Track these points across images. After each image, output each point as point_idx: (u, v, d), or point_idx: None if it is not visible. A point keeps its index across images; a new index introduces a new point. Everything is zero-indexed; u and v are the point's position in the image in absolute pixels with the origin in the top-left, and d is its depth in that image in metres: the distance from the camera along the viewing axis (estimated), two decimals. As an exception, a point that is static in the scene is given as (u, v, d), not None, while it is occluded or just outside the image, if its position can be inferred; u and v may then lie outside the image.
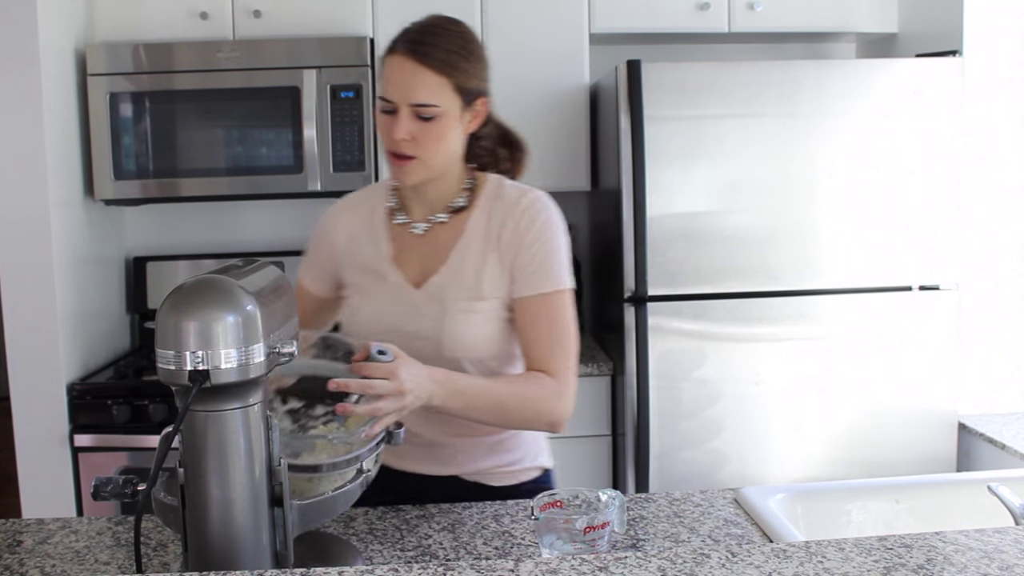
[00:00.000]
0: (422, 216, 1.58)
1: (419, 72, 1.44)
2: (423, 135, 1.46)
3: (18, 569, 1.34)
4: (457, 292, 1.52)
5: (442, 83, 1.45)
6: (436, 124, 1.46)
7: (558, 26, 2.99)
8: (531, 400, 1.47)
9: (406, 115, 1.45)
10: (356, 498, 1.26)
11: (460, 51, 1.48)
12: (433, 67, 1.45)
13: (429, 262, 1.55)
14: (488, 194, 1.57)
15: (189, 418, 1.12)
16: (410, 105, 1.45)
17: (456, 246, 1.54)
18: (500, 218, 1.54)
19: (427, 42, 1.46)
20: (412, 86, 1.44)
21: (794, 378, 2.65)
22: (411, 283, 1.55)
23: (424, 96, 1.44)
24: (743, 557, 1.03)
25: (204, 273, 1.17)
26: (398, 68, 1.45)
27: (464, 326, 1.50)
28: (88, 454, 2.64)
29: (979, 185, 2.70)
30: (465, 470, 1.60)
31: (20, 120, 2.56)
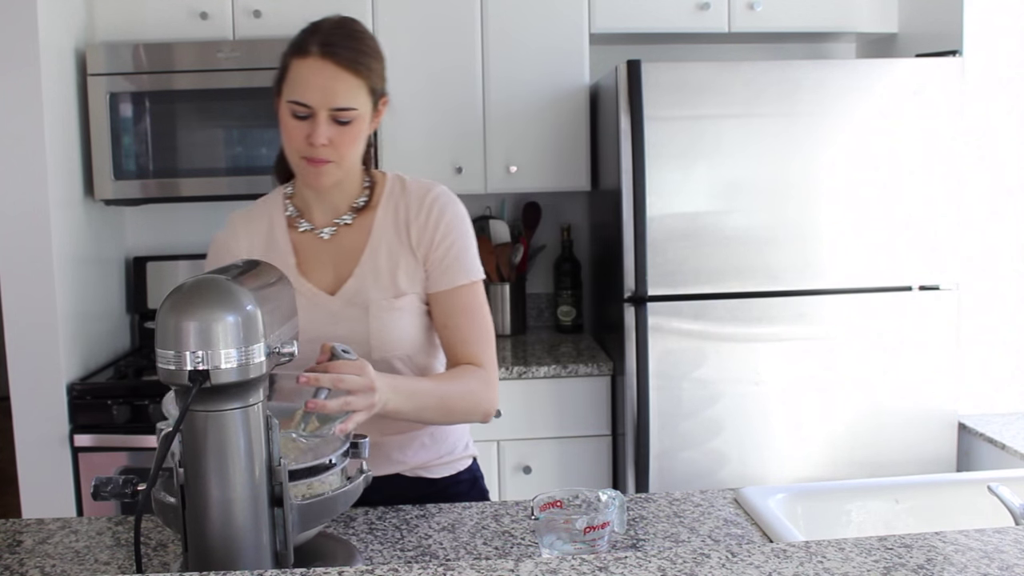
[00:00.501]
0: (325, 221, 1.57)
1: (339, 75, 1.43)
2: (340, 138, 1.45)
3: (18, 569, 1.34)
4: (376, 293, 1.52)
5: (359, 85, 1.45)
6: (352, 127, 1.46)
7: (558, 26, 2.99)
8: (471, 394, 1.51)
9: (325, 120, 1.43)
10: (356, 498, 1.26)
11: (370, 52, 1.48)
12: (351, 69, 1.43)
13: (340, 266, 1.54)
14: (390, 191, 1.57)
15: (189, 418, 1.12)
16: (330, 109, 1.43)
17: (366, 247, 1.54)
18: (406, 215, 1.55)
19: (342, 44, 1.44)
20: (333, 90, 1.43)
21: (794, 378, 2.65)
22: (324, 290, 1.54)
23: (345, 100, 1.43)
24: (743, 557, 1.03)
25: (204, 273, 1.17)
26: (316, 72, 1.42)
27: (389, 325, 1.51)
28: (88, 454, 2.64)
29: (979, 185, 2.70)
30: (405, 467, 1.62)
31: (20, 120, 2.56)
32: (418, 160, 2.99)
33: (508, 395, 2.77)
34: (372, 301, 1.51)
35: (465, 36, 2.98)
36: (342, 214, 1.56)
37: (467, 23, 2.98)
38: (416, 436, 1.61)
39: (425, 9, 2.96)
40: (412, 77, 2.97)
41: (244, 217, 1.62)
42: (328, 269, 1.54)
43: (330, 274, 1.54)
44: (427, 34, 2.96)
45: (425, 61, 2.97)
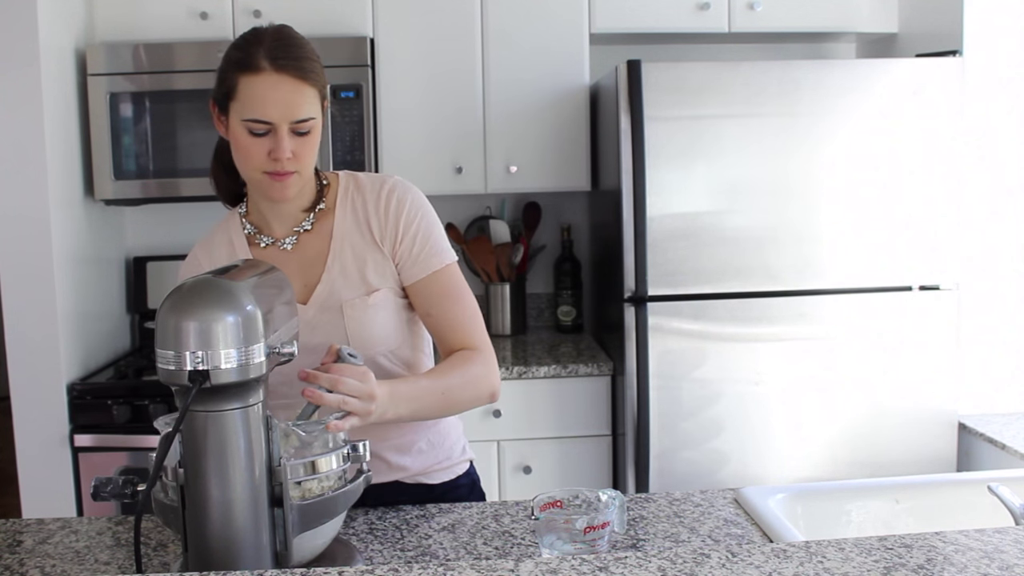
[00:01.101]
0: (285, 231, 1.53)
1: (296, 88, 1.39)
2: (302, 149, 1.42)
3: (18, 569, 1.34)
4: (347, 293, 1.50)
5: (313, 94, 1.42)
6: (312, 135, 1.43)
7: (558, 26, 2.99)
8: (473, 379, 1.49)
9: (286, 134, 1.39)
10: (356, 498, 1.26)
11: (313, 56, 1.44)
12: (305, 80, 1.40)
13: (307, 274, 1.52)
14: (345, 190, 1.55)
15: (189, 418, 1.12)
16: (291, 123, 1.39)
17: (330, 250, 1.51)
18: (364, 211, 1.52)
19: (290, 55, 1.40)
20: (295, 104, 1.39)
21: (794, 378, 2.65)
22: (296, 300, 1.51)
23: (305, 111, 1.40)
24: (743, 557, 1.03)
25: (204, 273, 1.17)
26: (272, 87, 1.37)
27: (365, 323, 1.49)
28: (88, 454, 2.64)
29: (979, 185, 2.70)
30: (404, 474, 1.61)
31: (20, 120, 2.56)
32: (418, 160, 2.99)
33: (508, 395, 2.77)
34: (345, 301, 1.49)
35: (465, 36, 2.98)
36: (300, 221, 1.53)
37: (467, 23, 2.98)
38: (414, 442, 1.60)
39: (425, 9, 2.96)
40: (412, 77, 2.98)
41: (204, 245, 1.59)
42: (296, 279, 1.50)
43: (298, 283, 1.50)
44: (427, 34, 2.96)
45: (425, 61, 2.97)
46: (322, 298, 1.50)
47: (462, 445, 1.70)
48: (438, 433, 1.64)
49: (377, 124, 2.97)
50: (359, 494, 1.26)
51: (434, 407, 1.47)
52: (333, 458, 1.22)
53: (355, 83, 2.84)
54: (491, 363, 1.52)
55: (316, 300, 1.50)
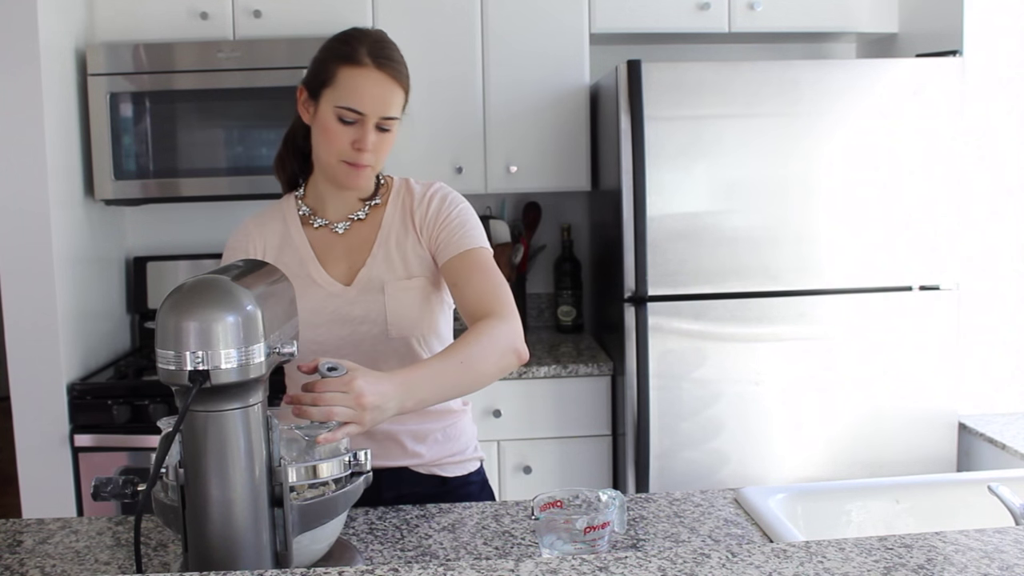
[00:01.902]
0: (340, 216, 1.63)
1: (392, 87, 1.53)
2: (381, 144, 1.55)
3: (18, 569, 1.34)
4: (389, 275, 1.58)
5: (402, 96, 1.56)
6: (391, 134, 1.56)
7: (558, 26, 2.99)
8: (493, 342, 1.46)
9: (371, 127, 1.52)
10: (357, 498, 1.26)
11: (405, 63, 1.59)
12: (400, 81, 1.55)
13: (354, 258, 1.61)
14: (397, 191, 1.66)
15: (189, 418, 1.12)
16: (380, 118, 1.52)
17: (377, 239, 1.61)
18: (411, 210, 1.63)
19: (391, 56, 1.54)
20: (388, 102, 1.52)
21: (794, 378, 2.65)
22: (341, 281, 1.59)
23: (395, 110, 1.54)
24: (743, 557, 1.03)
25: (204, 273, 1.17)
26: (372, 82, 1.51)
27: (405, 303, 1.57)
28: (88, 454, 2.64)
29: (979, 185, 2.70)
30: (418, 460, 1.64)
31: (20, 120, 2.56)
32: (419, 160, 2.99)
33: (508, 395, 2.78)
34: (387, 282, 1.57)
35: (465, 37, 2.98)
36: (355, 209, 1.63)
37: (467, 24, 2.98)
38: (431, 431, 1.64)
39: (425, 9, 2.96)
40: (412, 77, 2.96)
41: (256, 220, 1.67)
42: (342, 261, 1.60)
43: (343, 265, 1.60)
44: (428, 34, 2.96)
45: (426, 61, 2.97)
46: (365, 280, 1.58)
47: (475, 444, 1.74)
48: (455, 427, 1.68)
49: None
50: (359, 495, 1.26)
51: (458, 381, 1.44)
52: (334, 464, 1.22)
53: (355, 83, 2.83)
54: (511, 324, 1.51)
55: (359, 282, 1.59)
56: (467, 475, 1.70)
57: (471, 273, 1.56)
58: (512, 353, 1.50)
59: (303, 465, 1.19)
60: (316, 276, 1.59)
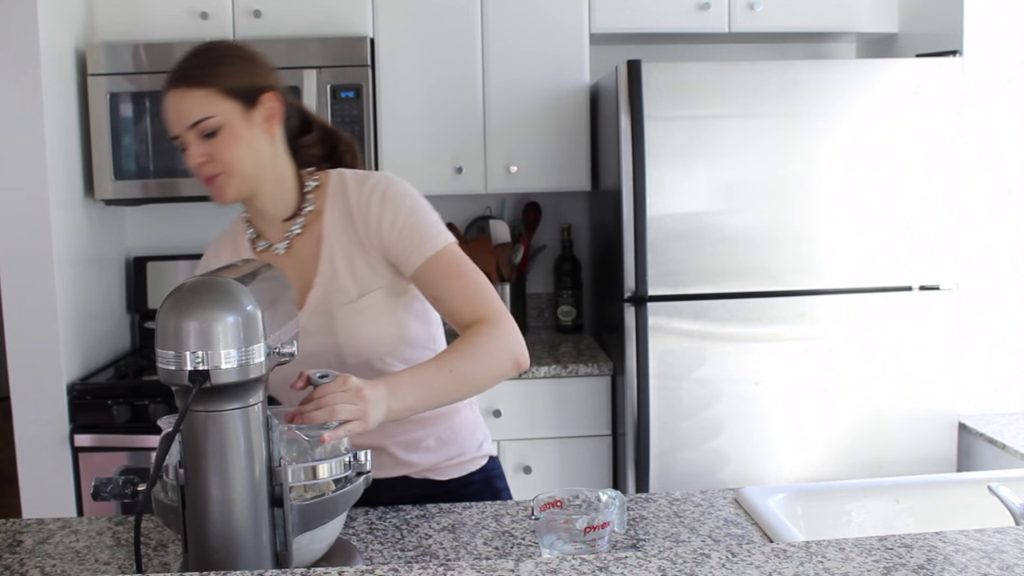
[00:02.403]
0: (279, 235, 1.54)
1: (182, 96, 1.43)
2: (215, 149, 1.44)
3: (18, 569, 1.34)
4: (338, 297, 1.49)
5: (207, 94, 1.43)
6: (223, 134, 1.44)
7: (558, 26, 2.99)
8: (483, 352, 1.43)
9: (192, 139, 1.44)
10: (357, 498, 1.26)
11: (215, 59, 1.46)
12: (191, 84, 1.43)
13: (301, 278, 1.51)
14: (333, 191, 1.54)
15: (189, 418, 1.12)
16: (188, 128, 1.43)
17: (321, 253, 1.51)
18: (350, 212, 1.51)
19: (181, 67, 1.45)
20: (183, 110, 1.43)
21: (794, 378, 2.65)
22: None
23: (195, 113, 1.42)
24: (743, 557, 1.03)
25: (204, 273, 1.17)
26: (167, 102, 1.45)
27: (357, 327, 1.48)
28: (88, 454, 2.64)
29: (979, 185, 2.70)
30: (412, 469, 1.60)
31: (20, 120, 2.56)
32: (418, 160, 2.99)
33: (508, 395, 2.78)
34: (336, 307, 1.49)
35: (465, 36, 2.98)
36: (288, 228, 1.54)
37: (467, 23, 2.98)
38: (421, 439, 1.59)
39: (425, 9, 2.96)
40: (412, 77, 2.97)
41: (214, 245, 1.63)
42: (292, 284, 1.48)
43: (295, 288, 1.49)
44: (427, 34, 2.96)
45: (425, 61, 2.97)
46: (314, 303, 1.50)
47: (478, 442, 1.67)
48: (450, 430, 1.62)
49: (377, 124, 2.97)
50: (359, 495, 1.26)
51: (447, 389, 1.42)
52: (334, 464, 1.22)
53: (355, 83, 2.84)
54: (507, 330, 1.46)
55: (310, 305, 1.50)
56: (465, 476, 1.65)
57: (445, 281, 1.48)
58: (511, 364, 1.46)
59: (303, 465, 1.19)
60: None
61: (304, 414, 1.24)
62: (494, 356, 1.44)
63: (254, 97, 1.46)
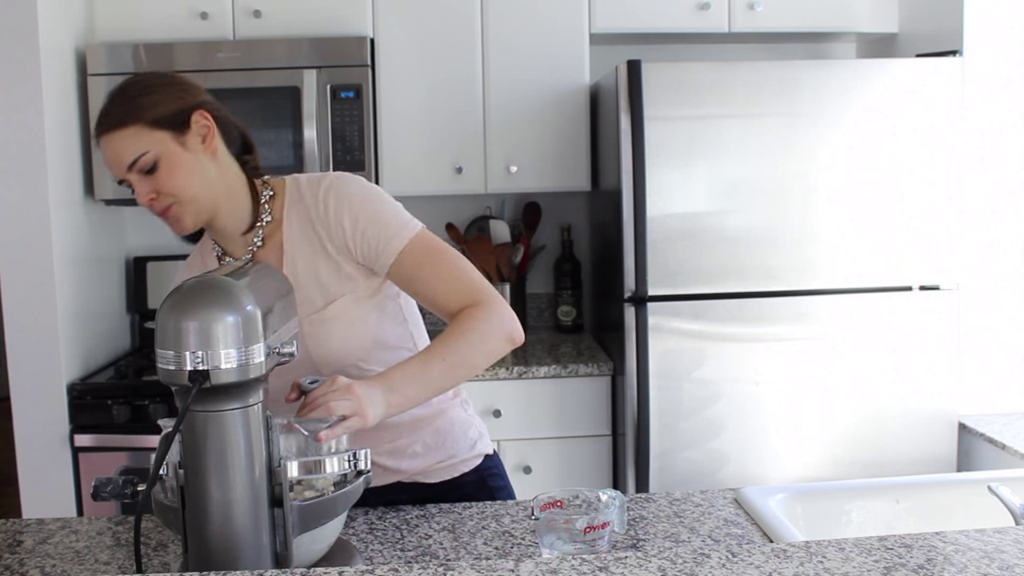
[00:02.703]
0: (242, 250, 1.51)
1: (113, 139, 1.40)
2: (159, 183, 1.41)
3: (18, 569, 1.34)
4: (304, 308, 1.45)
5: (134, 131, 1.39)
6: (162, 166, 1.40)
7: (558, 26, 2.99)
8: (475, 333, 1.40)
9: (136, 179, 1.41)
10: (357, 498, 1.26)
11: (135, 93, 1.42)
12: (117, 126, 1.39)
13: None
14: (289, 199, 1.50)
15: (189, 418, 1.12)
16: (127, 170, 1.40)
17: (283, 264, 1.48)
18: (308, 218, 1.48)
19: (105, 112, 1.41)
20: (116, 154, 1.40)
21: (794, 378, 2.65)
22: None
23: (128, 153, 1.39)
24: (743, 557, 1.03)
25: (204, 273, 1.17)
26: (103, 151, 1.42)
27: (325, 337, 1.46)
28: (88, 454, 2.64)
29: (979, 185, 2.70)
30: (402, 475, 1.59)
31: (20, 120, 2.56)
32: (418, 160, 2.99)
33: (508, 395, 2.77)
34: (303, 317, 1.44)
35: (465, 36, 2.98)
36: (248, 242, 1.50)
37: (467, 23, 2.98)
38: (408, 446, 1.58)
39: (425, 9, 2.96)
40: (412, 77, 2.97)
41: (187, 263, 1.62)
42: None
43: None
44: (427, 34, 2.96)
45: (425, 61, 2.97)
46: None
47: (471, 442, 1.65)
48: (435, 433, 1.59)
49: (377, 124, 2.97)
50: (359, 495, 1.26)
51: (444, 376, 1.40)
52: (335, 461, 1.22)
53: (355, 83, 2.84)
54: (495, 308, 1.43)
55: None
56: (457, 478, 1.63)
57: (421, 272, 1.44)
58: (506, 340, 1.43)
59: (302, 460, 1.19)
60: None
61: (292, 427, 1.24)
62: (486, 337, 1.42)
63: (183, 121, 1.43)
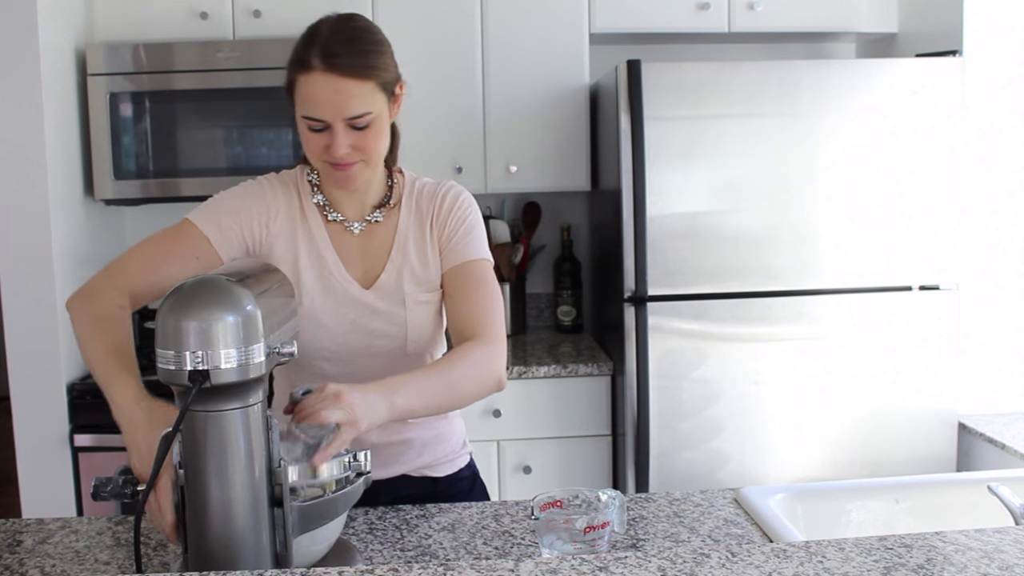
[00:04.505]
0: (356, 215, 1.56)
1: (347, 86, 1.38)
2: (362, 141, 1.42)
3: (18, 569, 1.34)
4: (409, 287, 1.54)
5: (370, 88, 1.40)
6: (372, 128, 1.43)
7: (558, 26, 2.99)
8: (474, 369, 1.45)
9: (341, 130, 1.40)
10: (357, 499, 1.26)
11: (373, 49, 1.42)
12: (357, 76, 1.38)
13: (369, 261, 1.55)
14: (409, 191, 1.60)
15: (189, 418, 1.12)
16: (345, 120, 1.40)
17: (395, 243, 1.56)
18: (426, 211, 1.58)
19: (342, 52, 1.38)
20: (343, 103, 1.38)
21: (794, 378, 2.65)
22: (359, 283, 1.54)
23: (358, 108, 1.39)
24: (743, 557, 1.03)
25: (204, 273, 1.17)
26: (322, 87, 1.38)
27: (423, 318, 1.55)
28: (88, 454, 2.64)
29: (979, 185, 2.70)
30: (411, 467, 1.63)
31: (20, 120, 2.56)
32: (418, 159, 2.96)
33: (508, 395, 2.77)
34: (407, 295, 1.54)
35: (465, 36, 2.98)
36: (370, 210, 1.57)
37: (467, 23, 2.98)
38: (416, 438, 1.62)
39: (425, 9, 2.96)
40: (412, 77, 2.94)
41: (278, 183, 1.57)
42: (357, 263, 1.55)
43: (359, 268, 1.54)
44: (427, 34, 2.96)
45: (425, 61, 2.97)
46: (385, 288, 1.54)
47: (463, 439, 1.73)
48: (443, 430, 1.66)
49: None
50: (359, 495, 1.26)
51: (440, 400, 1.43)
52: (335, 464, 1.22)
53: (355, 83, 2.83)
54: (496, 351, 1.49)
55: (378, 288, 1.54)
56: (456, 472, 1.69)
57: (468, 286, 1.53)
58: (494, 383, 1.49)
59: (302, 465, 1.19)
60: (336, 273, 1.52)
61: (292, 434, 1.24)
62: (483, 374, 1.47)
63: (393, 88, 1.49)
